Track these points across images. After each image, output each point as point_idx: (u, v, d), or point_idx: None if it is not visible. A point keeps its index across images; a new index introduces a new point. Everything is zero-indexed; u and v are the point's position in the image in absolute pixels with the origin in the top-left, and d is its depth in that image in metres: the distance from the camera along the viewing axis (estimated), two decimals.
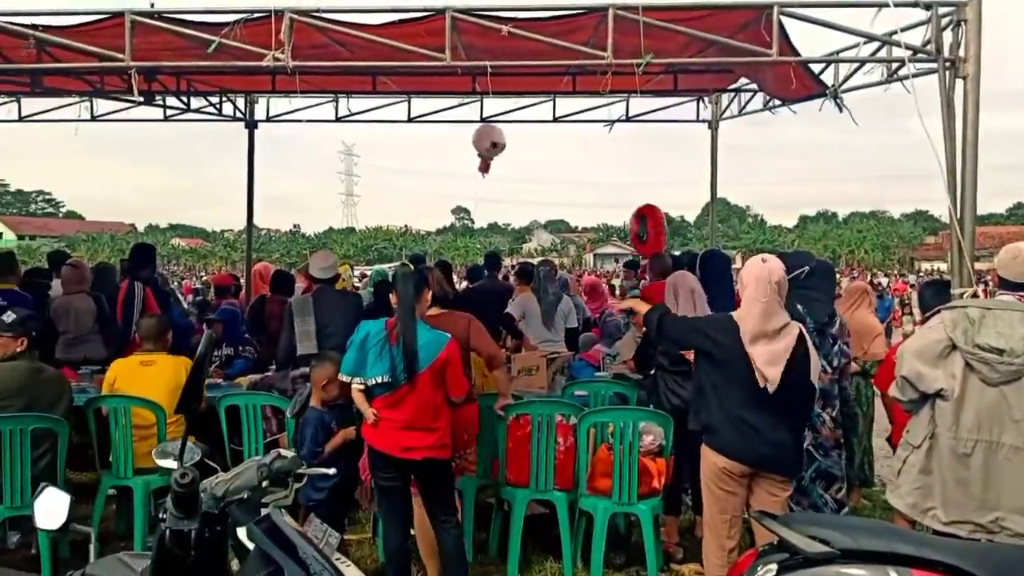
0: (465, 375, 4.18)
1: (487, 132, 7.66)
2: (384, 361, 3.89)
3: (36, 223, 72.84)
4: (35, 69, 4.84)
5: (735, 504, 3.76)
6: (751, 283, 3.71)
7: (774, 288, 3.66)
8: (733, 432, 3.67)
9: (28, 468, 4.49)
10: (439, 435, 3.98)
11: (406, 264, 5.61)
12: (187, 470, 1.81)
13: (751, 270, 3.75)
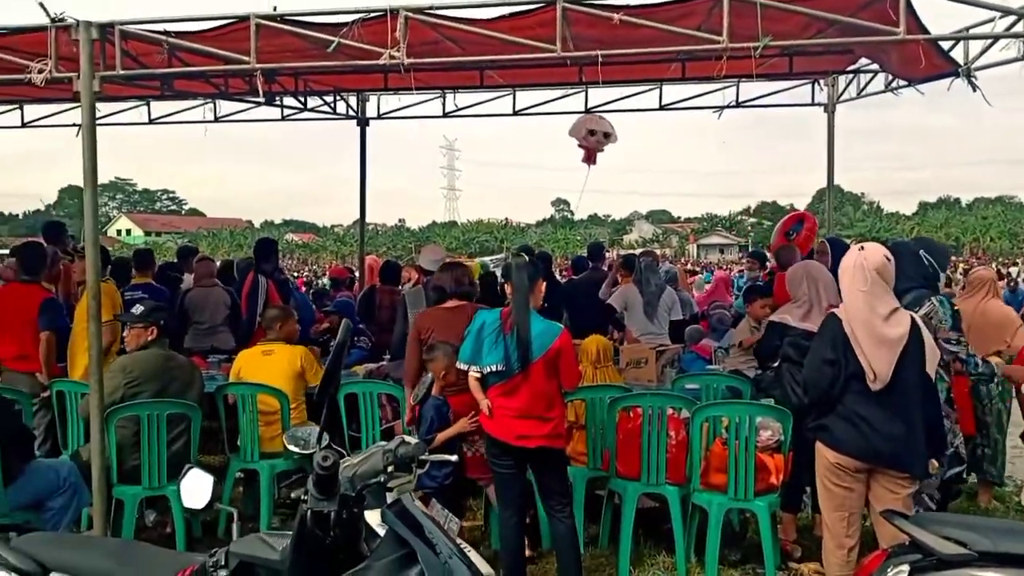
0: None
1: (584, 121, 7.60)
2: (499, 350, 3.96)
3: (161, 220, 77.40)
4: (167, 74, 5.13)
5: (852, 501, 3.63)
6: (848, 273, 3.61)
7: (874, 276, 3.52)
8: (846, 427, 3.56)
9: (164, 451, 4.77)
10: (553, 424, 4.01)
11: (520, 255, 5.66)
12: (329, 453, 1.90)
13: (848, 260, 3.65)
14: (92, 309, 4.28)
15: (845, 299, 3.64)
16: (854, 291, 3.57)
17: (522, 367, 3.91)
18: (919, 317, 3.72)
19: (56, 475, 4.53)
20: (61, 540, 3.17)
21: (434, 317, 5.05)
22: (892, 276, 3.62)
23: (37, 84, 4.33)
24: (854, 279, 3.57)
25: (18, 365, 5.80)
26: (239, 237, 62.51)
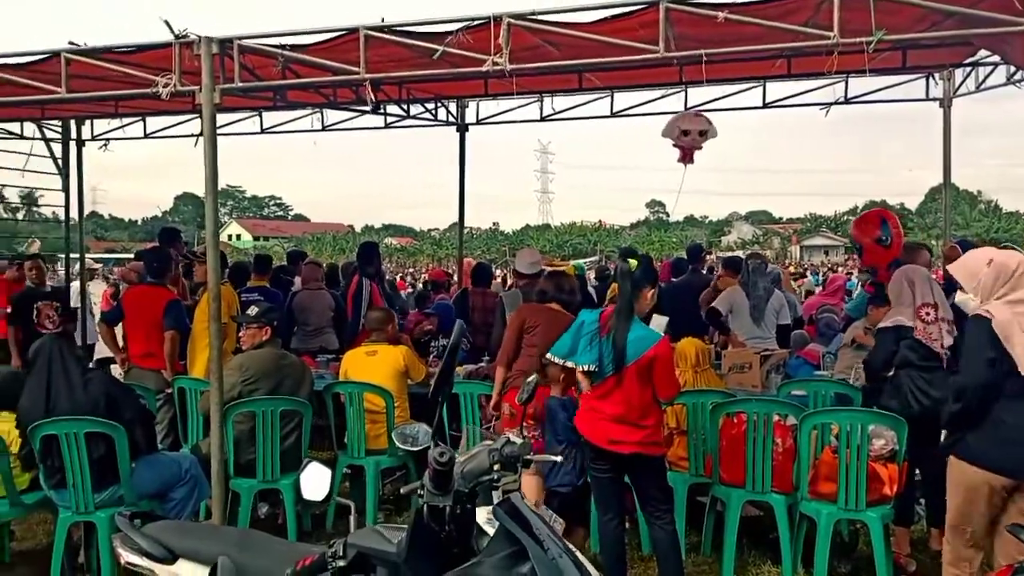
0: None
1: (676, 120, 7.46)
2: (593, 351, 3.97)
3: (269, 225, 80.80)
4: (282, 85, 5.36)
5: (986, 519, 3.42)
6: (992, 276, 3.45)
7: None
8: (994, 441, 3.34)
9: (278, 446, 4.99)
10: (648, 433, 3.97)
11: (626, 260, 5.65)
12: (445, 449, 1.95)
13: (986, 263, 3.50)
14: (213, 310, 4.52)
15: (987, 301, 3.47)
16: (997, 291, 3.44)
17: (615, 371, 3.90)
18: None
19: (178, 467, 4.81)
20: (187, 528, 3.36)
21: (540, 311, 5.22)
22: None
23: (163, 98, 4.61)
24: (997, 281, 3.43)
25: (145, 362, 6.19)
26: (341, 241, 64.51)
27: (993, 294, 3.44)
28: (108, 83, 5.41)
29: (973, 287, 3.53)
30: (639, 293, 4.01)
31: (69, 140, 9.17)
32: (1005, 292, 3.41)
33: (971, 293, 3.57)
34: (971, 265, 3.58)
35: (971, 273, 3.54)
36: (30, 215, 15.70)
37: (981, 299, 3.51)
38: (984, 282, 3.47)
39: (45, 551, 4.99)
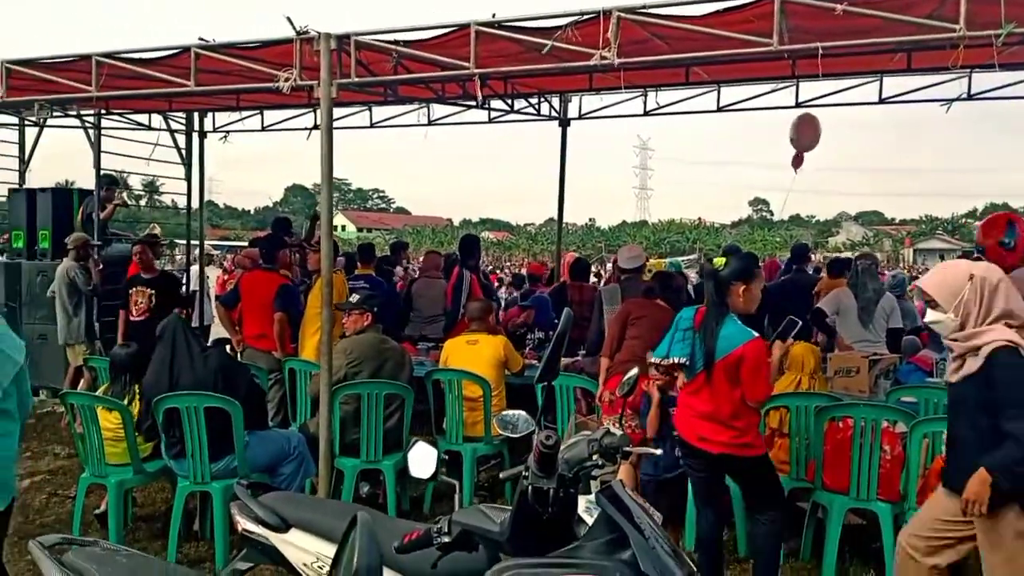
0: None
1: (807, 127, 7.23)
2: (686, 345, 3.97)
3: (372, 217, 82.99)
4: (394, 80, 5.53)
5: None
6: (975, 292, 3.16)
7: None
8: None
9: (381, 428, 5.17)
10: (737, 434, 3.88)
11: (710, 261, 5.65)
12: (552, 433, 2.00)
13: (979, 280, 3.17)
14: (325, 296, 4.72)
15: (974, 322, 3.17)
16: (982, 311, 3.15)
17: (704, 367, 3.87)
18: None
19: (288, 443, 5.05)
20: (299, 499, 3.54)
21: (645, 305, 5.42)
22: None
23: (284, 92, 4.83)
24: (984, 298, 3.15)
25: (258, 343, 6.53)
26: (440, 234, 65.64)
27: (979, 313, 3.14)
28: (231, 77, 5.71)
29: (955, 305, 3.19)
30: (728, 290, 3.94)
31: (192, 132, 9.71)
32: (997, 315, 3.13)
33: (951, 313, 3.19)
34: (951, 281, 3.25)
35: (951, 290, 3.22)
36: (151, 202, 16.54)
37: (963, 320, 3.18)
38: (967, 299, 3.17)
39: (163, 517, 5.34)
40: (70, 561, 2.34)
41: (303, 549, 2.93)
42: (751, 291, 4.02)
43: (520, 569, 1.94)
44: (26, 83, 5.98)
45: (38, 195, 9.25)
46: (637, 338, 5.20)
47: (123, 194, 10.08)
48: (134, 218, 11.64)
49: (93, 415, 4.76)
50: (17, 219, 9.29)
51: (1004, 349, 3.06)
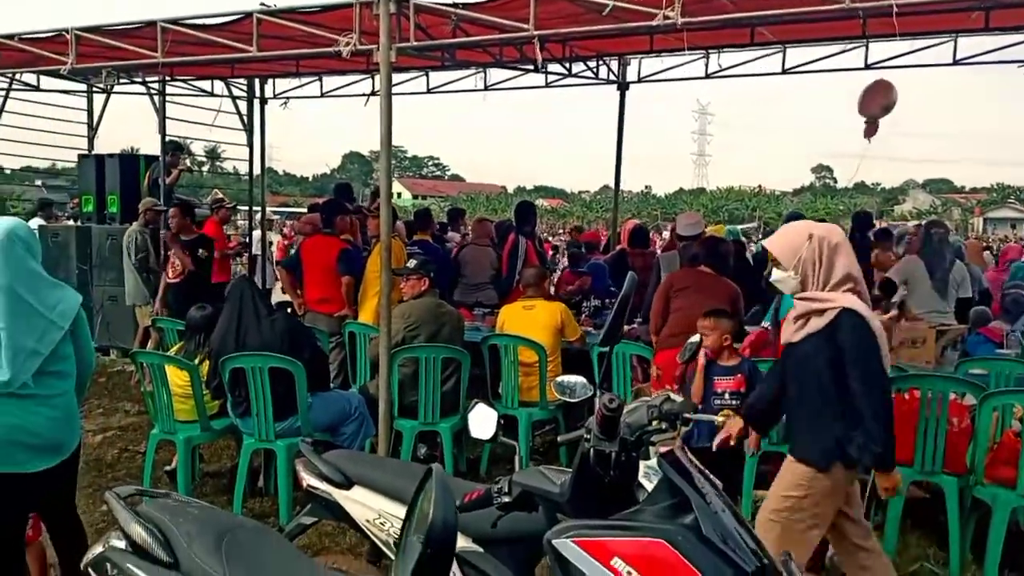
0: None
1: (878, 94, 6.94)
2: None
3: (427, 184, 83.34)
4: (453, 44, 5.51)
5: None
6: (814, 251, 3.15)
7: None
8: None
9: (438, 390, 5.24)
10: None
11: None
12: (615, 396, 2.00)
13: (817, 239, 3.16)
14: (384, 260, 4.77)
15: (817, 285, 3.17)
16: (820, 271, 3.17)
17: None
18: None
19: (348, 404, 5.16)
20: (361, 457, 3.63)
21: (687, 275, 5.33)
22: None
23: (344, 56, 4.85)
24: (821, 257, 3.15)
25: (319, 307, 6.66)
26: (494, 202, 65.64)
27: (818, 272, 3.15)
28: (292, 43, 5.74)
29: (794, 264, 3.19)
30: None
31: (254, 98, 9.84)
32: (841, 276, 3.12)
33: (791, 271, 3.20)
34: (791, 240, 3.24)
35: (791, 249, 3.21)
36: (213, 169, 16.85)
37: (803, 278, 3.19)
38: (805, 259, 3.16)
39: (229, 473, 5.52)
40: (144, 511, 2.44)
41: (366, 506, 3.00)
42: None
43: (581, 529, 1.95)
44: (94, 50, 6.12)
45: (106, 161, 9.53)
46: (680, 310, 5.10)
47: (187, 160, 10.32)
48: (197, 184, 11.92)
49: (163, 374, 4.92)
50: (87, 184, 9.60)
51: (848, 311, 3.08)
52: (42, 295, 3.20)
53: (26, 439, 3.15)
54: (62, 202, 15.25)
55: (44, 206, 11.50)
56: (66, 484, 3.46)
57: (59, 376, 3.25)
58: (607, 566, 1.90)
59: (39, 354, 3.13)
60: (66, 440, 3.31)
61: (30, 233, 3.30)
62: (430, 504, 1.59)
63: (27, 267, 3.19)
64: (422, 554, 1.56)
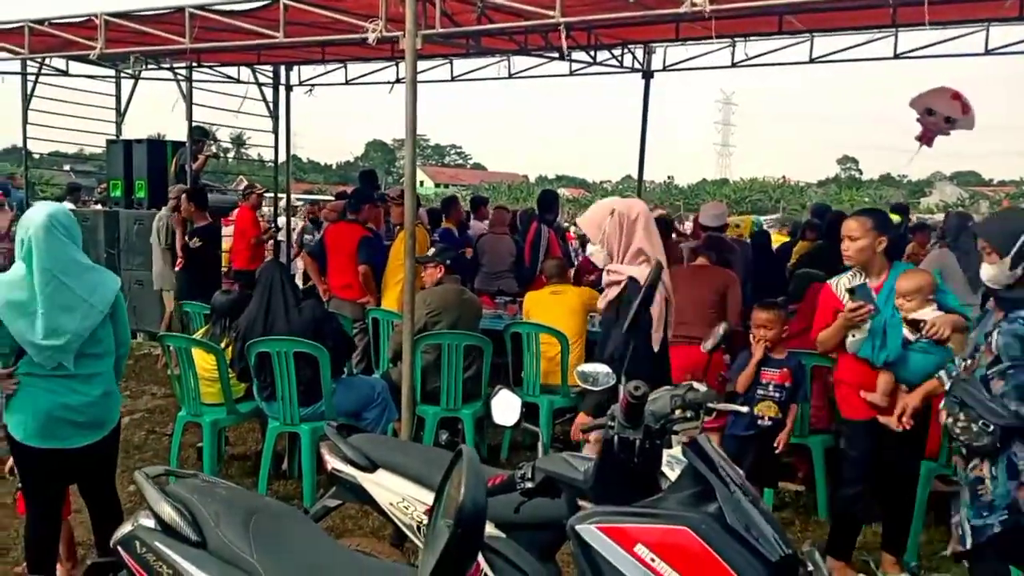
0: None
1: (927, 96, 6.77)
2: None
3: (449, 173, 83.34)
4: (478, 31, 5.50)
5: None
6: (615, 226, 3.47)
7: None
8: None
9: (460, 377, 5.27)
10: None
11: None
12: (640, 384, 2.00)
13: (618, 215, 3.49)
14: (408, 248, 4.79)
15: (617, 255, 3.50)
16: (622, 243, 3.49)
17: None
18: None
19: (372, 390, 5.21)
20: (385, 441, 3.65)
21: (683, 270, 5.40)
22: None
23: (370, 43, 4.86)
24: (622, 231, 3.48)
25: (344, 293, 6.72)
26: (515, 191, 65.56)
27: (620, 245, 3.46)
28: (318, 29, 5.77)
29: (600, 238, 3.50)
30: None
31: (279, 85, 9.89)
32: (636, 248, 3.44)
33: (598, 245, 3.51)
34: (596, 216, 3.56)
35: (596, 224, 3.51)
36: (238, 155, 16.90)
37: (609, 251, 3.49)
38: (608, 232, 3.47)
39: (254, 456, 5.59)
40: (173, 491, 2.48)
41: (389, 489, 3.03)
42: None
43: (605, 515, 1.95)
44: (122, 35, 6.18)
45: (134, 146, 9.63)
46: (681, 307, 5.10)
47: (212, 146, 10.40)
48: (223, 171, 12.00)
49: (189, 357, 4.99)
50: (115, 169, 9.71)
51: (632, 279, 3.36)
52: (81, 279, 3.29)
53: (69, 416, 3.30)
54: (90, 187, 15.42)
55: (73, 190, 11.67)
56: (106, 460, 3.60)
57: (98, 357, 3.38)
58: (630, 552, 1.90)
59: (78, 336, 3.24)
60: (107, 417, 3.46)
61: (70, 218, 3.38)
62: (460, 485, 1.60)
63: (67, 252, 3.28)
64: (452, 534, 1.57)
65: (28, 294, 3.21)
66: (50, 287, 3.20)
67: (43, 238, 3.21)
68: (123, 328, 3.55)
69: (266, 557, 2.21)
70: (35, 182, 10.33)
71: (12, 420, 3.32)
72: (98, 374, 3.40)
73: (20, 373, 3.28)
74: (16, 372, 3.28)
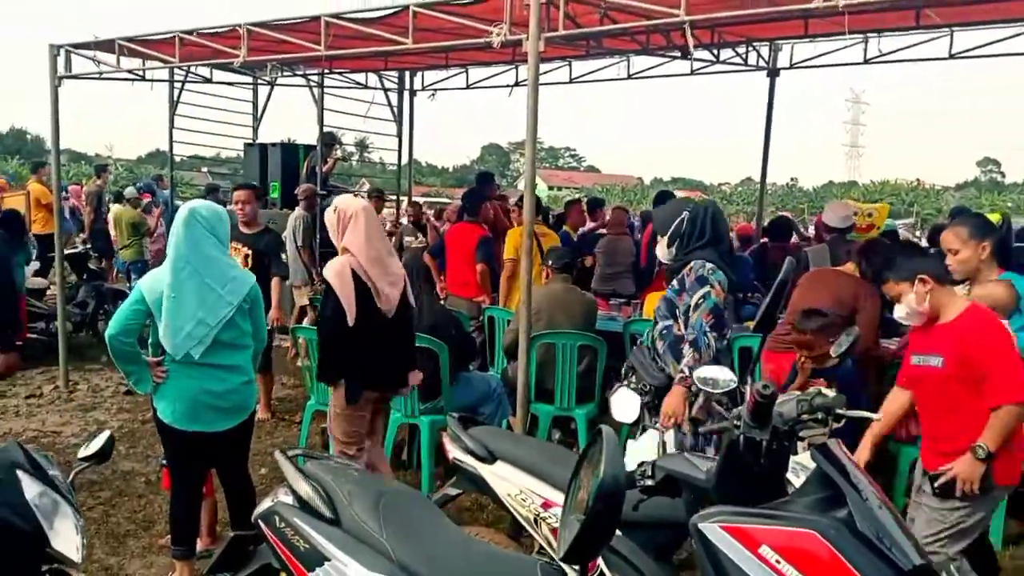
0: None
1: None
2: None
3: (562, 176, 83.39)
4: (601, 32, 5.51)
5: None
6: (334, 221, 3.98)
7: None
8: None
9: (574, 377, 5.30)
10: None
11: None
12: (769, 383, 1.98)
13: (339, 211, 3.97)
14: (525, 247, 4.85)
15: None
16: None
17: None
18: None
19: (488, 386, 5.32)
20: (504, 434, 3.73)
21: (815, 272, 5.20)
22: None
23: (494, 47, 4.95)
24: (340, 226, 3.95)
25: (460, 291, 6.87)
26: (629, 193, 64.93)
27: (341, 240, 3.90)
28: (443, 35, 5.93)
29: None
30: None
31: (403, 90, 10.22)
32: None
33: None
34: (330, 216, 3.99)
35: (330, 223, 3.98)
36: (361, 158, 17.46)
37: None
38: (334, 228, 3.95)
39: None
40: (309, 470, 2.64)
41: (508, 481, 3.10)
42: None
43: (729, 515, 1.94)
44: (262, 44, 6.55)
45: (269, 149, 10.18)
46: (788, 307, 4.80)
47: (338, 151, 10.86)
48: (347, 173, 12.50)
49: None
50: (251, 171, 10.29)
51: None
52: (215, 272, 3.51)
53: (213, 402, 3.53)
54: (225, 188, 16.39)
55: (211, 190, 12.39)
56: (242, 444, 3.85)
57: (236, 348, 3.60)
58: (755, 554, 1.88)
59: (206, 324, 3.45)
60: (246, 404, 3.69)
61: (215, 214, 3.61)
62: (600, 461, 1.62)
63: (203, 245, 3.50)
64: (591, 507, 1.60)
65: (167, 283, 3.44)
66: (183, 273, 3.42)
67: (183, 228, 3.47)
68: (260, 325, 3.79)
69: (395, 538, 2.31)
70: (177, 183, 11.06)
71: (161, 405, 3.58)
72: (238, 364, 3.62)
73: (169, 362, 3.51)
74: (164, 361, 3.52)
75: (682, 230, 3.74)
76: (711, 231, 3.70)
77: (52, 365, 7.61)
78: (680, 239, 3.76)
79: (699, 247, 3.70)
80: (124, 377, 3.67)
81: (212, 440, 3.61)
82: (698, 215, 3.73)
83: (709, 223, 3.72)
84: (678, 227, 3.74)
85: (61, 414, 6.58)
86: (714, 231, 3.71)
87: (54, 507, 2.28)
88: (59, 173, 7.64)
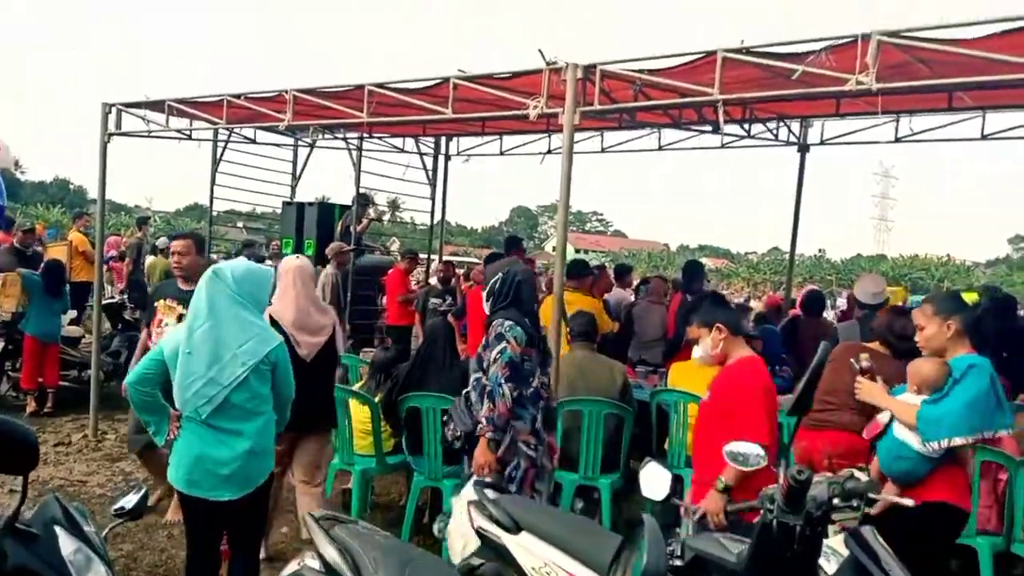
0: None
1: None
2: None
3: (589, 239, 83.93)
4: (634, 107, 5.64)
5: None
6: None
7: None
8: None
9: (600, 445, 5.26)
10: None
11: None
12: (805, 468, 1.97)
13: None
14: (556, 311, 4.90)
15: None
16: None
17: None
18: None
19: None
20: (530, 504, 3.69)
21: (848, 348, 4.85)
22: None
23: (531, 119, 5.10)
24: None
25: None
26: (656, 259, 65.04)
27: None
28: (481, 105, 6.10)
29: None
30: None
31: (439, 155, 10.46)
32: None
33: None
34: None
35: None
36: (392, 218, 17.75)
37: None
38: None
39: (397, 507, 5.78)
40: (337, 535, 2.64)
41: (532, 552, 3.06)
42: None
43: None
44: (306, 108, 6.78)
45: (306, 208, 10.42)
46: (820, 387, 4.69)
47: (372, 210, 11.10)
48: (378, 232, 12.73)
49: (345, 407, 5.26)
50: (288, 228, 10.53)
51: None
52: (233, 331, 3.39)
53: (211, 467, 3.37)
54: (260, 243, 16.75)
55: (247, 245, 12.67)
56: (250, 518, 3.60)
57: (249, 413, 3.43)
58: None
59: (217, 383, 3.33)
60: (251, 476, 3.46)
61: (247, 273, 3.52)
62: (644, 548, 1.64)
63: (222, 303, 3.40)
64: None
65: (183, 338, 3.40)
66: (199, 330, 3.33)
67: (204, 285, 3.43)
68: (286, 387, 3.63)
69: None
70: (214, 237, 11.32)
71: (171, 462, 3.49)
72: (246, 431, 3.41)
73: (182, 419, 3.43)
74: (180, 418, 3.44)
75: (495, 289, 4.14)
76: (514, 293, 4.08)
77: (82, 413, 7.71)
78: (493, 297, 4.16)
79: (503, 307, 4.09)
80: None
81: (215, 508, 3.42)
82: (508, 278, 4.11)
83: (514, 286, 4.10)
84: (492, 286, 4.17)
85: (88, 463, 6.64)
86: (516, 294, 4.09)
87: (87, 563, 2.30)
88: (103, 226, 7.86)
